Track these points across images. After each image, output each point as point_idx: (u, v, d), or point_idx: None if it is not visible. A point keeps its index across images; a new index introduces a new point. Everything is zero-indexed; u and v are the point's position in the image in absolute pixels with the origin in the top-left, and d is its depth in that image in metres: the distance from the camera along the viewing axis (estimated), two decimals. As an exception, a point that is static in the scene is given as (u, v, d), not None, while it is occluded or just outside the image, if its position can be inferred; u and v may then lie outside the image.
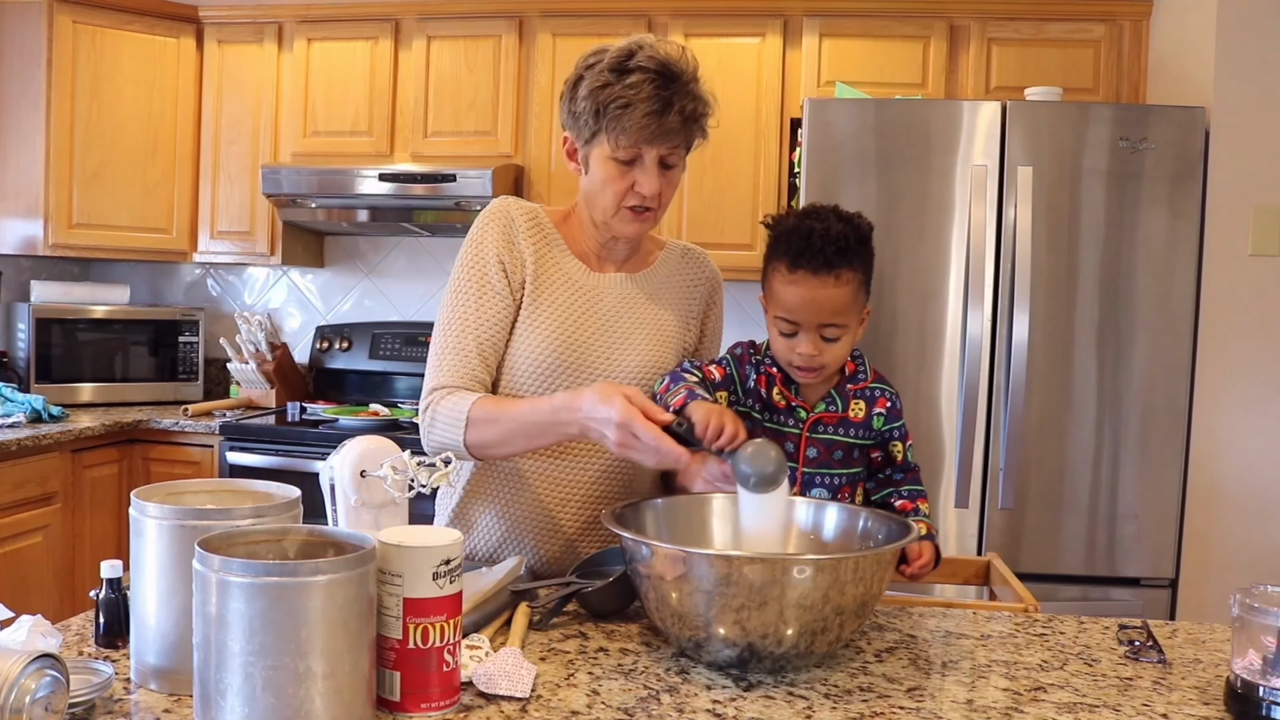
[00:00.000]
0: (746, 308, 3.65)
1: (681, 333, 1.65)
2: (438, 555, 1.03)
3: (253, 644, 0.91)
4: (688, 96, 1.48)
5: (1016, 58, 3.26)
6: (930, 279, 2.74)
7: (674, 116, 1.46)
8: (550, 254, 1.60)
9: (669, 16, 3.43)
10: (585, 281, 1.60)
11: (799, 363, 1.49)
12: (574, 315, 1.57)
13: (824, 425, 1.52)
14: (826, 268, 1.44)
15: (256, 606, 0.91)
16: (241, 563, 0.92)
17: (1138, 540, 2.71)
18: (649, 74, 1.45)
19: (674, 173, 1.55)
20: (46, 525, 3.04)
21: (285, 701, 0.92)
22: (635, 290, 1.63)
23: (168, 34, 3.68)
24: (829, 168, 2.75)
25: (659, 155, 1.50)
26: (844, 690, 1.14)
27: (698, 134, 1.54)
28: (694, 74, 1.50)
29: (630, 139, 1.47)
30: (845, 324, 1.47)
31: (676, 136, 1.49)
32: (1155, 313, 2.69)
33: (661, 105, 1.45)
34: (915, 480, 1.56)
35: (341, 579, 0.94)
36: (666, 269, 1.68)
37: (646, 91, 1.44)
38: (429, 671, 1.04)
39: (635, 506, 1.40)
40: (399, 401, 3.74)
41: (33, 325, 3.50)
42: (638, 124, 1.45)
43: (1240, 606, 1.08)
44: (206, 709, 0.94)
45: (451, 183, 3.37)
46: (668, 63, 1.47)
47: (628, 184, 1.51)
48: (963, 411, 2.69)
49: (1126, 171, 2.68)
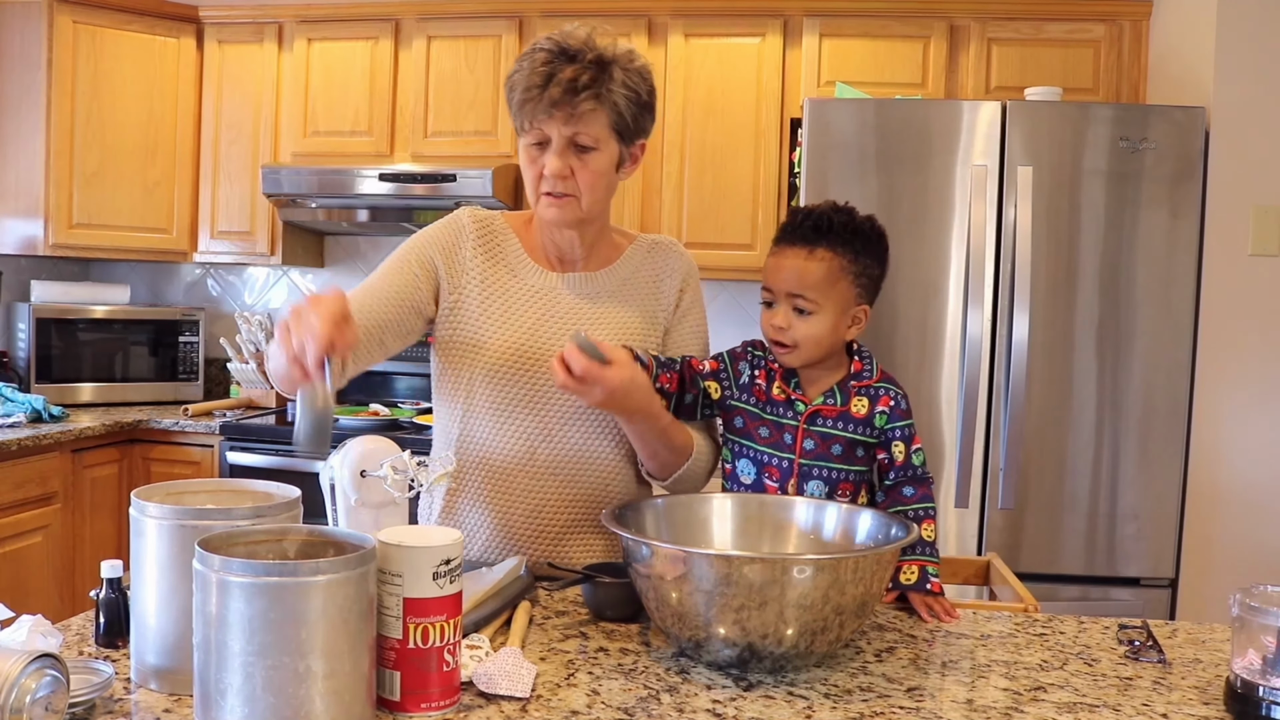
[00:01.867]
0: (746, 307, 3.66)
1: (647, 328, 1.63)
2: (438, 555, 1.03)
3: (253, 644, 0.91)
4: (575, 66, 1.44)
5: (1016, 58, 3.26)
6: (930, 279, 2.74)
7: (554, 87, 1.43)
8: (503, 261, 1.60)
9: (669, 16, 3.43)
10: (541, 284, 1.60)
11: (770, 334, 1.53)
12: (529, 319, 1.57)
13: (822, 418, 1.53)
14: (803, 240, 1.51)
15: (257, 606, 0.91)
16: (242, 563, 0.92)
17: (1138, 540, 2.71)
18: (544, 53, 1.45)
19: (591, 156, 1.49)
20: (46, 525, 3.04)
21: (285, 701, 0.92)
22: (595, 289, 1.62)
23: (168, 34, 3.68)
24: (829, 168, 2.75)
25: (565, 135, 1.46)
26: (844, 690, 1.14)
27: (599, 106, 1.45)
28: (600, 51, 1.46)
29: (522, 116, 1.47)
30: (816, 300, 1.49)
31: (561, 107, 1.44)
32: (1155, 313, 2.69)
33: (543, 79, 1.44)
34: (927, 496, 1.53)
35: (341, 579, 0.94)
36: (631, 264, 1.65)
37: (534, 66, 1.45)
38: (429, 671, 1.04)
39: (635, 506, 1.40)
40: (399, 401, 3.74)
41: (33, 325, 3.50)
42: (521, 99, 1.46)
43: (1240, 606, 1.08)
44: (207, 709, 0.94)
45: (452, 183, 3.37)
46: (566, 43, 1.45)
47: (540, 168, 1.50)
48: (963, 411, 2.69)
49: (1126, 171, 2.68)
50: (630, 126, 1.51)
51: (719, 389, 1.58)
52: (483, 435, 1.58)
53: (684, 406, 1.58)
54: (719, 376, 1.59)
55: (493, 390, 1.56)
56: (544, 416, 1.56)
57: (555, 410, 1.57)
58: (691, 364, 1.59)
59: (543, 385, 1.55)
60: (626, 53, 1.50)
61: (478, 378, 1.56)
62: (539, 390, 1.56)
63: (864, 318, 1.55)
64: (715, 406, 1.60)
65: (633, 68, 1.50)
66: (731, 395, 1.58)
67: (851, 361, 1.57)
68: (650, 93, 1.53)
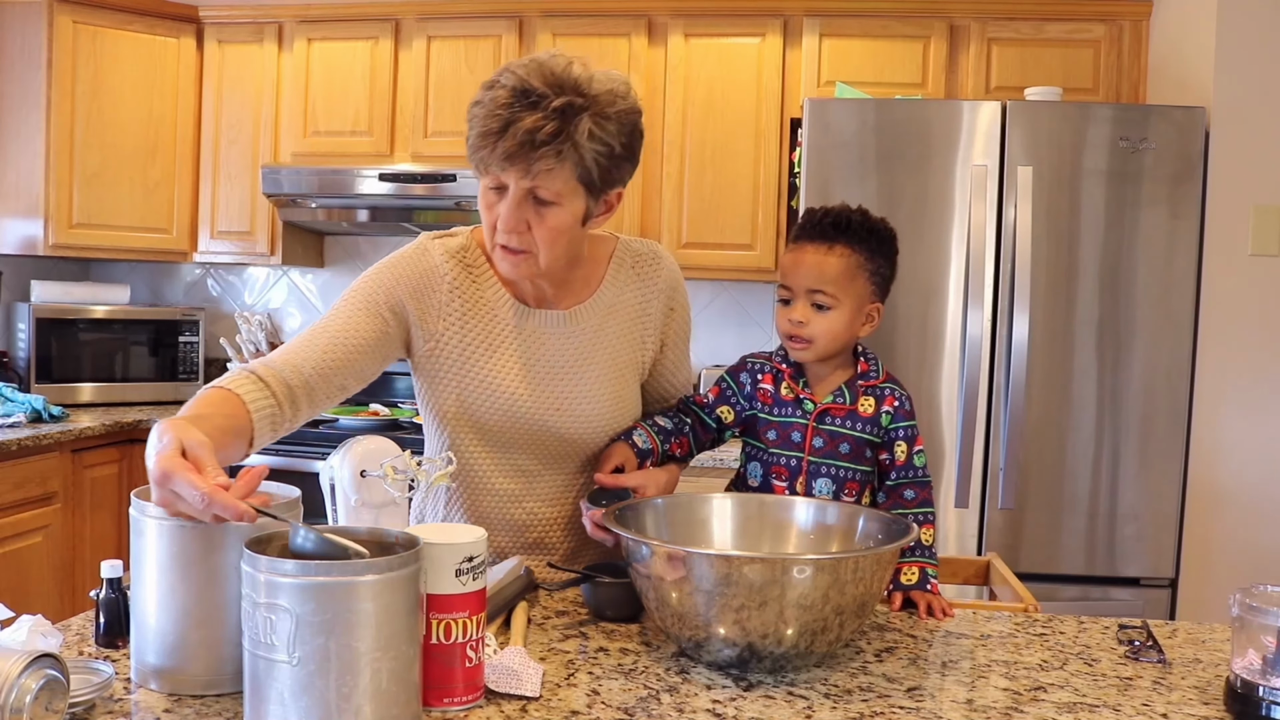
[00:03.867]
0: (746, 307, 3.66)
1: (639, 355, 1.58)
2: (460, 552, 1.04)
3: (301, 643, 0.92)
4: (536, 116, 1.27)
5: (1016, 58, 3.26)
6: (930, 279, 2.74)
7: (509, 139, 1.27)
8: (481, 301, 1.48)
9: (669, 16, 3.43)
10: (523, 327, 1.49)
11: (788, 330, 1.54)
12: (511, 371, 1.48)
13: (831, 417, 1.54)
14: (821, 237, 1.53)
15: (305, 606, 0.91)
16: (291, 563, 0.93)
17: (1138, 540, 2.71)
18: (504, 90, 1.29)
19: (550, 211, 1.34)
20: (46, 525, 3.04)
21: (335, 700, 0.92)
22: (577, 327, 1.51)
23: (168, 34, 3.68)
24: (829, 168, 2.75)
25: (522, 187, 1.32)
26: (844, 690, 1.14)
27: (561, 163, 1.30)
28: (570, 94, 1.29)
29: (475, 161, 1.33)
30: (835, 295, 1.51)
31: (515, 162, 1.29)
32: (1155, 313, 2.69)
33: (500, 125, 1.28)
34: (927, 501, 1.54)
35: (389, 579, 0.94)
36: (614, 289, 1.54)
37: (490, 109, 1.29)
38: (452, 667, 1.05)
39: (635, 507, 1.40)
40: (399, 401, 3.74)
41: (33, 325, 3.50)
42: (474, 144, 1.32)
43: (1240, 606, 1.08)
44: (257, 709, 0.94)
45: (451, 183, 3.38)
46: (528, 80, 1.29)
47: (495, 216, 1.36)
48: (963, 411, 2.69)
49: (1126, 171, 2.68)
50: (598, 182, 1.35)
51: (730, 411, 1.61)
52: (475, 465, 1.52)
53: (705, 446, 1.64)
54: (727, 399, 1.61)
55: (479, 435, 1.50)
56: (538, 455, 1.53)
57: (552, 450, 1.53)
58: (696, 402, 1.62)
59: (536, 434, 1.50)
60: (607, 93, 1.33)
61: (463, 422, 1.49)
62: (534, 436, 1.50)
63: (877, 316, 1.57)
64: (733, 427, 1.63)
65: (610, 114, 1.32)
66: (742, 410, 1.60)
67: (858, 362, 1.59)
68: (629, 141, 1.37)
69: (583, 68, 1.32)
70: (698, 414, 1.62)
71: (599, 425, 1.53)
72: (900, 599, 1.48)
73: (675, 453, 1.59)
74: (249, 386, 1.26)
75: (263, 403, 1.26)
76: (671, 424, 1.60)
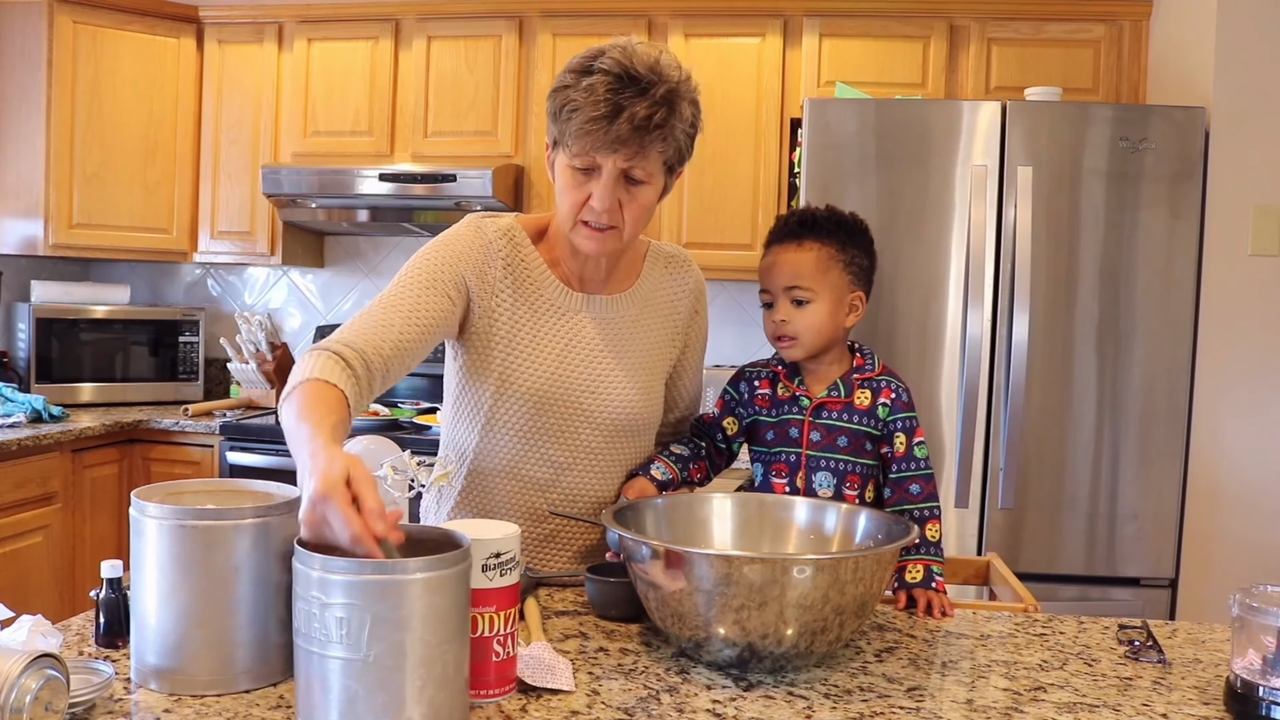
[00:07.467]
0: (746, 307, 3.66)
1: (668, 351, 1.62)
2: (488, 548, 1.06)
3: (354, 640, 0.92)
4: (646, 102, 1.34)
5: (1016, 58, 3.26)
6: (930, 279, 2.74)
7: (623, 123, 1.33)
8: (528, 281, 1.52)
9: (669, 16, 3.42)
10: (565, 306, 1.53)
11: (774, 331, 1.57)
12: (555, 350, 1.51)
13: (827, 410, 1.56)
14: (790, 236, 1.57)
15: (358, 603, 0.92)
16: (343, 561, 0.94)
17: (1138, 540, 2.71)
18: (607, 76, 1.34)
19: (641, 190, 1.41)
20: (46, 525, 3.04)
21: (387, 697, 0.93)
22: (617, 313, 1.56)
23: (168, 34, 3.68)
24: (829, 168, 2.75)
25: (620, 167, 1.37)
26: (844, 690, 1.14)
27: (665, 146, 1.39)
28: (667, 81, 1.37)
29: (579, 145, 1.36)
30: (811, 289, 1.53)
31: (628, 145, 1.35)
32: (1155, 313, 2.69)
33: (610, 110, 1.33)
34: (932, 495, 1.54)
35: (440, 577, 0.96)
36: (650, 283, 1.61)
37: (598, 94, 1.33)
38: (480, 661, 1.06)
39: (635, 506, 1.40)
40: (399, 401, 3.74)
41: (33, 325, 3.50)
42: (581, 128, 1.35)
43: (1240, 606, 1.08)
44: (310, 707, 0.95)
45: (452, 183, 3.37)
46: (631, 66, 1.35)
47: (584, 195, 1.40)
48: (963, 411, 2.69)
49: (1126, 171, 2.68)
50: (681, 160, 1.46)
51: (735, 421, 1.64)
52: (505, 454, 1.53)
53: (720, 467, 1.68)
54: (730, 410, 1.64)
55: (517, 419, 1.51)
56: (570, 447, 1.53)
57: (582, 440, 1.54)
58: (705, 420, 1.66)
59: (568, 417, 1.52)
60: (687, 79, 1.42)
61: (502, 406, 1.51)
62: (566, 420, 1.52)
63: (861, 304, 1.58)
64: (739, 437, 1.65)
65: (692, 97, 1.42)
66: (744, 418, 1.63)
67: (854, 357, 1.60)
68: (698, 123, 1.47)
69: (662, 53, 1.40)
70: (710, 435, 1.65)
71: (626, 413, 1.54)
72: (904, 597, 1.48)
73: (694, 477, 1.62)
74: (346, 381, 1.27)
75: (355, 398, 1.28)
76: (688, 450, 1.63)
